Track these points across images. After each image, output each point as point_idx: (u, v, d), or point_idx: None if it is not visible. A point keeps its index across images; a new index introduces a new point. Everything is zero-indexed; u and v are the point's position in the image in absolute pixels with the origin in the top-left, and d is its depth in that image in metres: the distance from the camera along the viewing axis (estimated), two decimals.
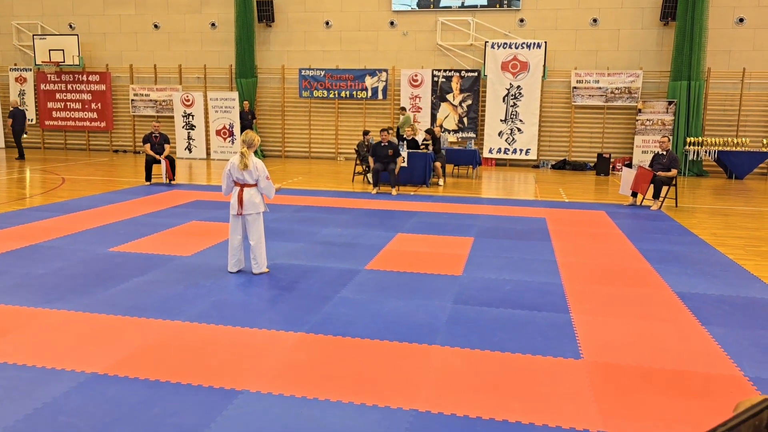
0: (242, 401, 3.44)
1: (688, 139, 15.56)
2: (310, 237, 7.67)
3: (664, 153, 10.57)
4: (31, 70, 19.58)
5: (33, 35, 19.06)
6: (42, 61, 18.95)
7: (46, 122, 19.86)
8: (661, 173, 10.37)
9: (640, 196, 10.63)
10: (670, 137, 14.90)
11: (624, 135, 16.58)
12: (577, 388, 3.68)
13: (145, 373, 3.75)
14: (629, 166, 12.48)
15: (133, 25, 19.05)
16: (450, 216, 9.33)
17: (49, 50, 18.82)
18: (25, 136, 17.51)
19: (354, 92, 17.78)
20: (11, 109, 17.15)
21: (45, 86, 19.63)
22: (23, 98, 19.73)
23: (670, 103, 15.76)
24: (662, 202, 10.43)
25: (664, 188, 10.46)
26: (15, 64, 19.85)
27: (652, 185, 10.39)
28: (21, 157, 16.34)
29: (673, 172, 10.42)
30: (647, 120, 15.94)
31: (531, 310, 5.06)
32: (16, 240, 7.17)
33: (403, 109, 16.39)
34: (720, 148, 15.25)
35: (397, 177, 11.72)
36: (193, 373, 3.78)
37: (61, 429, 3.14)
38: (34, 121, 19.87)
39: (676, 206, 10.57)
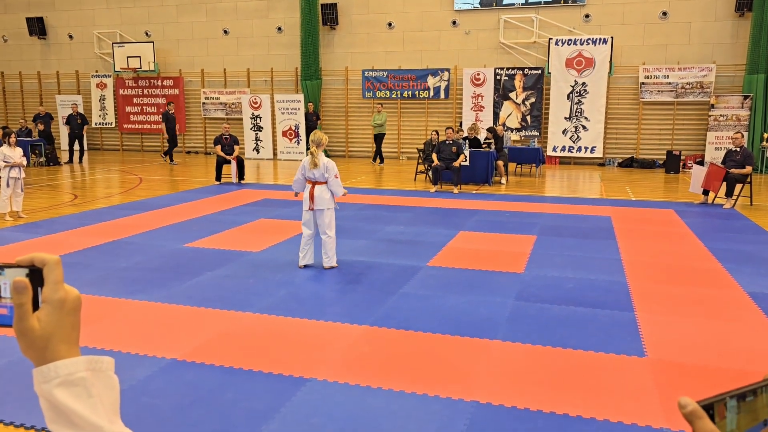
0: (310, 389, 3.62)
1: (765, 135, 14.87)
2: (373, 234, 7.84)
3: (738, 149, 10.17)
4: (110, 76, 20.65)
5: (112, 43, 20.11)
6: (120, 68, 19.97)
7: (125, 125, 20.89)
8: (734, 170, 9.99)
9: (711, 194, 10.27)
10: (745, 133, 14.31)
11: (695, 131, 15.99)
12: (640, 384, 3.67)
13: (220, 360, 3.99)
14: (701, 163, 12.05)
15: (204, 32, 19.79)
16: (512, 214, 9.31)
17: (127, 57, 19.82)
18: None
19: (416, 92, 17.89)
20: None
21: (123, 91, 20.67)
22: (104, 103, 20.82)
23: (745, 97, 15.10)
24: (736, 200, 10.05)
25: (738, 186, 10.06)
26: (96, 71, 20.98)
27: (724, 183, 10.02)
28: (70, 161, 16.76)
29: (748, 169, 10.02)
30: (721, 116, 15.33)
31: (594, 308, 5.04)
32: (100, 236, 7.65)
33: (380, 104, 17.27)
34: None
35: (459, 175, 11.74)
36: (264, 361, 3.99)
37: (145, 409, 3.41)
38: (113, 125, 20.93)
39: (751, 204, 10.16)
